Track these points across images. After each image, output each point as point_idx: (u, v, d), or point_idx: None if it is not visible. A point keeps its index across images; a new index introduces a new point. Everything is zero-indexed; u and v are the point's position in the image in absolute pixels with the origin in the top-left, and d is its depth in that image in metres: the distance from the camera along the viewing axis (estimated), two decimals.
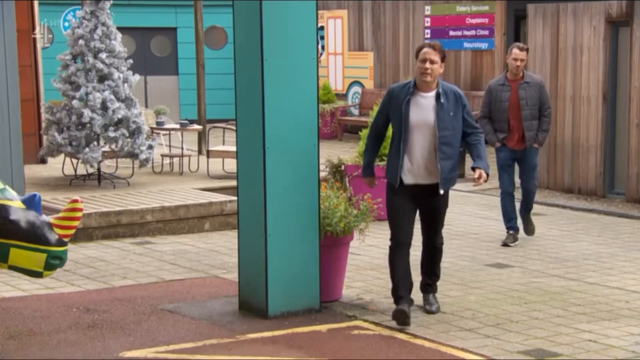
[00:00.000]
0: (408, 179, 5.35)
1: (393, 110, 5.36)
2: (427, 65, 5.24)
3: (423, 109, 5.28)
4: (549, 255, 7.37)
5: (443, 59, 5.31)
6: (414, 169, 5.33)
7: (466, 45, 14.34)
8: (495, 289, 6.26)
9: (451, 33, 14.52)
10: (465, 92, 17.25)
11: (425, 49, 5.30)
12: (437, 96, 5.28)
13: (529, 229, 8.04)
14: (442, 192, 5.36)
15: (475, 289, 6.25)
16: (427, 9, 14.81)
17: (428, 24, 14.82)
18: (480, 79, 14.19)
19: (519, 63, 7.59)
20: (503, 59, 13.86)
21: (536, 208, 9.68)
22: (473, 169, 5.40)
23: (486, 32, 14.04)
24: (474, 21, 14.18)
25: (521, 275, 6.70)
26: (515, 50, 7.63)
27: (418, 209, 5.48)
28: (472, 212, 9.36)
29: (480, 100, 14.01)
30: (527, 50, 7.74)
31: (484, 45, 14.11)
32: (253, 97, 5.45)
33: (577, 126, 10.51)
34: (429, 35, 14.79)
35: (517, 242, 7.74)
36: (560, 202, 10.04)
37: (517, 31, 14.28)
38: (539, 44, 10.87)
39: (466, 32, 14.34)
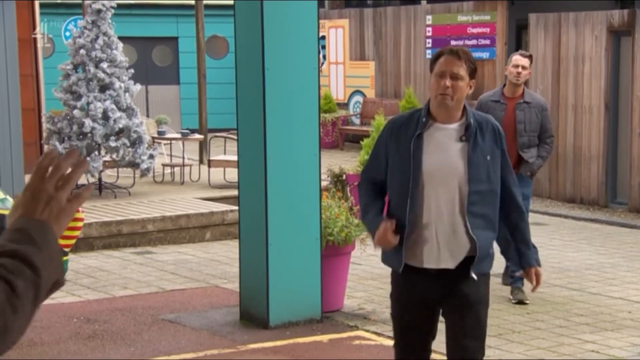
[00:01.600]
0: (419, 261, 3.41)
1: (395, 152, 3.43)
2: (447, 82, 3.31)
3: (445, 149, 3.38)
4: (551, 265, 7.33)
5: (473, 73, 3.39)
6: (429, 245, 3.38)
7: None
8: (498, 299, 6.23)
9: (452, 42, 14.52)
10: (466, 102, 17.30)
11: (445, 57, 3.37)
12: (467, 129, 3.37)
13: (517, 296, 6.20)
14: (474, 276, 3.37)
15: None
16: (429, 19, 14.83)
17: (429, 34, 14.83)
18: (481, 89, 14.17)
19: (520, 70, 6.16)
20: (504, 69, 13.87)
21: (538, 218, 9.68)
22: (522, 268, 3.54)
23: (487, 42, 14.05)
24: (475, 30, 14.19)
25: (524, 286, 6.66)
26: (517, 56, 6.26)
27: (440, 307, 3.52)
28: None
29: None
30: (530, 57, 6.35)
31: (485, 55, 14.11)
32: (254, 106, 5.44)
33: (579, 136, 10.49)
34: (430, 45, 14.80)
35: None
36: (562, 212, 10.02)
37: (518, 41, 14.28)
38: (541, 53, 10.87)
39: (467, 42, 14.34)
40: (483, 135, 3.41)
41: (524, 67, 6.22)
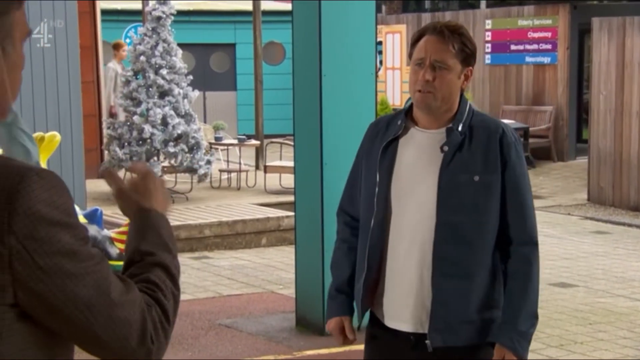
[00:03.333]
0: (381, 314, 2.56)
1: (365, 166, 2.59)
2: (428, 74, 2.40)
3: (418, 163, 2.48)
4: (615, 275, 7.14)
5: (468, 59, 2.43)
6: (389, 296, 2.51)
7: (528, 59, 14.12)
8: (559, 309, 6.09)
9: (512, 47, 14.32)
10: (526, 108, 16.81)
11: (426, 39, 2.42)
12: (449, 135, 2.44)
13: None
14: (429, 346, 2.44)
15: (538, 308, 6.09)
16: (488, 23, 14.65)
17: (489, 38, 14.65)
18: (542, 94, 13.95)
19: None
20: (567, 74, 13.62)
21: (601, 226, 9.46)
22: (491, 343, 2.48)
23: (549, 46, 13.80)
24: (536, 35, 13.96)
25: (585, 295, 6.50)
26: None
27: None
28: None
29: (542, 116, 13.81)
30: None
31: (546, 60, 13.87)
32: (311, 112, 5.42)
33: None
34: (489, 50, 14.61)
35: None
36: (626, 220, 9.75)
37: (581, 45, 14.01)
38: (604, 58, 10.62)
39: (528, 46, 14.12)
40: (473, 145, 2.40)
41: None
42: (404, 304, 2.46)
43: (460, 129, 2.42)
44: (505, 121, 12.72)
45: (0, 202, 1.16)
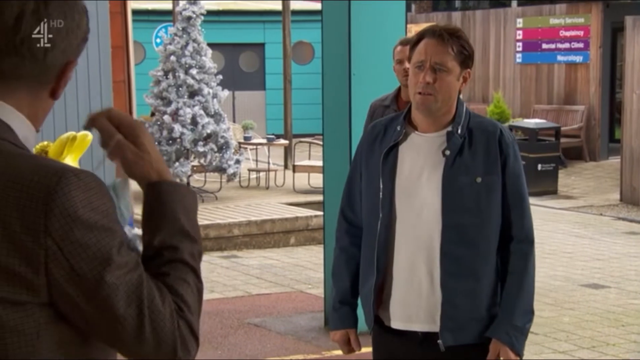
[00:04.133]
0: (387, 317, 2.59)
1: (366, 172, 2.65)
2: (428, 76, 2.43)
3: (420, 167, 2.52)
4: None
5: (467, 61, 2.48)
6: (397, 299, 2.55)
7: (560, 58, 13.99)
8: (591, 310, 6.02)
9: (544, 46, 14.19)
10: (557, 107, 16.64)
11: (425, 42, 2.46)
12: (449, 139, 2.49)
13: None
14: (442, 346, 2.48)
15: (570, 310, 6.03)
16: (519, 22, 14.53)
17: (520, 37, 14.54)
18: (574, 94, 13.81)
19: (407, 66, 3.56)
20: (599, 73, 13.47)
21: (634, 227, 9.33)
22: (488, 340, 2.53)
23: (581, 45, 13.66)
24: (568, 34, 13.83)
25: (618, 296, 6.43)
26: (398, 48, 4.36)
27: None
28: (565, 230, 9.06)
29: (574, 115, 13.67)
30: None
31: (578, 59, 13.73)
32: (340, 111, 5.42)
33: None
34: (520, 49, 14.50)
35: None
36: None
37: (614, 44, 13.84)
38: (637, 57, 10.48)
39: (560, 45, 13.99)
40: (473, 147, 2.46)
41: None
42: (413, 305, 2.51)
43: (459, 132, 2.48)
44: (537, 120, 12.66)
45: (38, 203, 1.16)
